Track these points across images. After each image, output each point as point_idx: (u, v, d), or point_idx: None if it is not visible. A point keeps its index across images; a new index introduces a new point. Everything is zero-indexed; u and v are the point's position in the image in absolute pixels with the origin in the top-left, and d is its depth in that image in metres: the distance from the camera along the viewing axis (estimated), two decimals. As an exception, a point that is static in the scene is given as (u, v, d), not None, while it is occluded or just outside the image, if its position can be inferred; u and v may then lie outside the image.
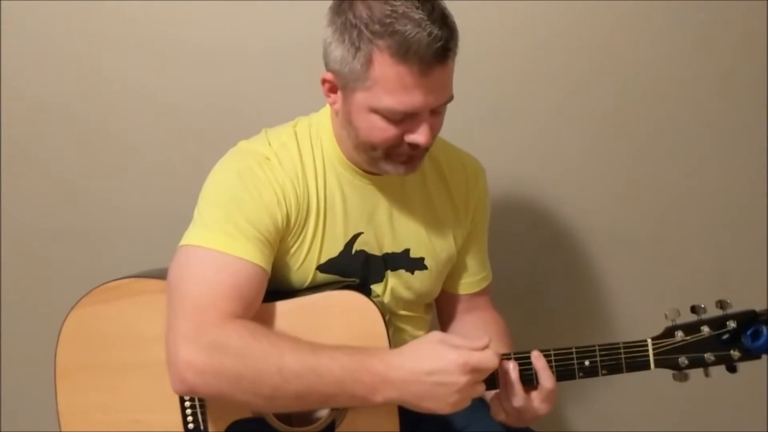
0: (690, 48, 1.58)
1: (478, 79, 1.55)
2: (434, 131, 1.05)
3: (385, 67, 0.97)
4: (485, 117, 1.58)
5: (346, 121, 1.06)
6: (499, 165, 1.55)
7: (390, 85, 0.98)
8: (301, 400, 1.00)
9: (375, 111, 1.01)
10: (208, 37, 1.50)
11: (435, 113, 1.04)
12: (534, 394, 1.06)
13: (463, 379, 0.97)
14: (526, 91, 1.58)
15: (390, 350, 1.03)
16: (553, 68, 1.57)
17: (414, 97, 0.98)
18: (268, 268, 1.06)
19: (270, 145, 1.12)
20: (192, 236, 1.05)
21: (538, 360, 1.06)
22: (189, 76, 1.51)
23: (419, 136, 1.02)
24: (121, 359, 1.09)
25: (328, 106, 1.14)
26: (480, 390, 1.01)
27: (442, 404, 0.99)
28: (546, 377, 1.05)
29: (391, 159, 1.06)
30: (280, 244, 1.10)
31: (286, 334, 1.03)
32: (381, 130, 1.02)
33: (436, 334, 1.03)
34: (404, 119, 1.01)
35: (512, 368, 1.04)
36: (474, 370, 0.98)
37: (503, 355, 1.06)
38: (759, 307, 1.07)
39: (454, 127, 1.26)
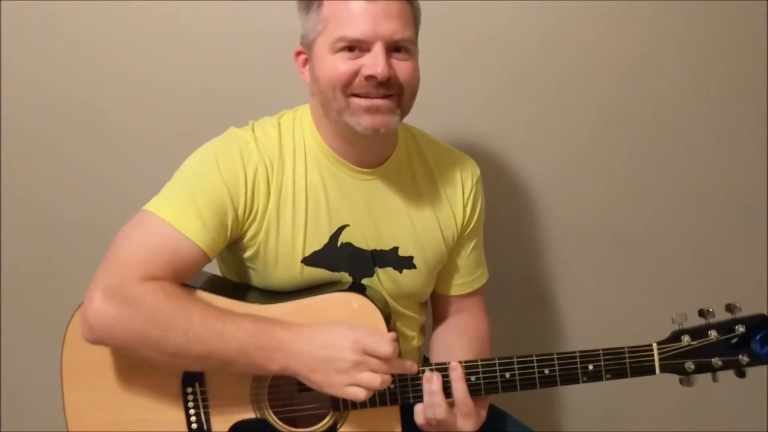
0: (690, 47, 1.56)
1: (476, 78, 1.54)
2: (402, 74, 1.06)
3: (333, 3, 1.05)
4: (485, 116, 1.56)
5: (315, 85, 1.10)
6: (500, 165, 1.55)
7: (339, 16, 1.05)
8: (202, 362, 1.04)
9: (332, 50, 1.05)
10: (207, 38, 1.50)
11: (396, 51, 1.06)
12: (455, 408, 1.07)
13: (350, 356, 1.01)
14: (526, 90, 1.56)
15: (297, 323, 1.05)
16: (554, 68, 1.55)
17: (361, 23, 1.03)
18: (211, 253, 1.08)
19: (254, 132, 1.15)
20: (153, 203, 1.08)
21: (453, 371, 1.07)
22: (192, 74, 1.51)
23: (372, 66, 1.04)
24: (127, 359, 1.09)
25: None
26: (373, 380, 1.02)
27: (327, 378, 1.02)
28: (457, 389, 1.06)
29: (353, 108, 1.07)
30: (244, 230, 1.12)
31: (201, 298, 1.07)
32: (338, 68, 1.05)
33: (347, 321, 1.06)
34: (360, 53, 1.04)
35: (435, 379, 1.06)
36: (365, 351, 1.01)
37: (438, 365, 1.08)
38: (763, 309, 1.06)
39: (454, 126, 1.25)
